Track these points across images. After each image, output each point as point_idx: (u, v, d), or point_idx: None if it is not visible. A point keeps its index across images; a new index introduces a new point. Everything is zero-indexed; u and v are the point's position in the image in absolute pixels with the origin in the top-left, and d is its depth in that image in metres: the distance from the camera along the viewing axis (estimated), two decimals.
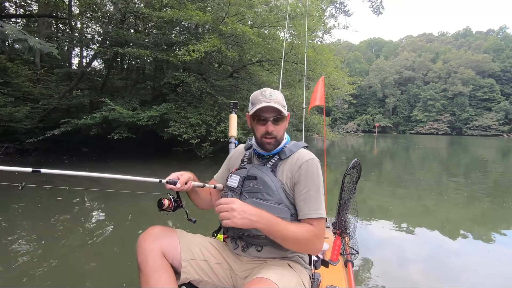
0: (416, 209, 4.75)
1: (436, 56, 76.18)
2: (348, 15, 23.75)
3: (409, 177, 7.76)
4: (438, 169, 9.68)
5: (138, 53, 7.63)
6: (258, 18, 7.96)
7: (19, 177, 0.90)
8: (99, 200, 4.57)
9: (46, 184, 4.64)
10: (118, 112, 7.27)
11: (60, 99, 9.58)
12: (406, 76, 72.92)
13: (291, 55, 8.78)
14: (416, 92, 69.91)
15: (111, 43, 8.85)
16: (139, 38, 8.39)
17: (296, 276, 1.09)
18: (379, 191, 6.06)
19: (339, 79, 9.26)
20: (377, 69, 75.72)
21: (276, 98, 1.14)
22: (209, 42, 7.01)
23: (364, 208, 4.62)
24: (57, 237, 3.05)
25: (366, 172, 8.30)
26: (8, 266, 2.36)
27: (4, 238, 2.97)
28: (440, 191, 6.04)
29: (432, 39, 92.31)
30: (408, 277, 2.46)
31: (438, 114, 65.39)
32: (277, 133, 1.16)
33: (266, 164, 1.19)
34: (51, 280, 2.20)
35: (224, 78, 9.44)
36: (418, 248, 3.13)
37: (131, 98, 8.88)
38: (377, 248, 3.06)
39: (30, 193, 4.65)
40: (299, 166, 1.12)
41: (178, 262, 1.07)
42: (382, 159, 13.47)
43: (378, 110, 72.94)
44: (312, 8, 8.46)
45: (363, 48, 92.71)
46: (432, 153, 16.86)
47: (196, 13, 7.02)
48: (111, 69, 12.09)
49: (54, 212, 3.86)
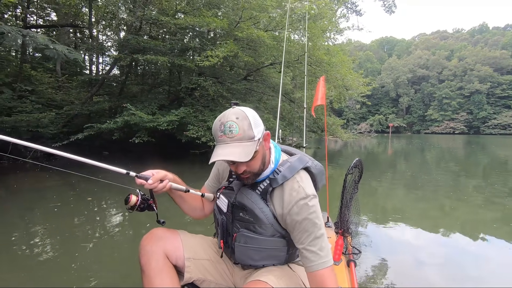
0: (432, 210, 4.64)
1: (451, 53, 74.41)
2: (359, 14, 23.56)
3: (425, 177, 7.61)
4: (455, 169, 9.44)
5: (156, 60, 7.90)
6: (272, 22, 8.11)
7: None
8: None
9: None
10: (139, 116, 7.56)
11: (83, 105, 10.02)
12: (420, 75, 71.51)
13: (304, 57, 8.88)
14: (430, 91, 68.42)
15: (130, 50, 9.20)
16: (158, 45, 8.68)
17: (296, 276, 1.07)
18: (394, 192, 5.99)
19: (353, 80, 9.29)
20: (389, 68, 74.59)
21: (236, 133, 0.91)
22: (226, 48, 7.21)
23: (377, 209, 4.58)
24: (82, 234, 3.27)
25: (381, 173, 8.26)
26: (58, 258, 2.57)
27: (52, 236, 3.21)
28: (458, 191, 5.90)
29: (446, 36, 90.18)
30: (425, 278, 2.42)
31: (454, 113, 63.76)
32: (251, 169, 0.99)
33: (256, 189, 1.05)
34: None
35: (239, 81, 9.63)
36: (435, 250, 3.07)
37: (149, 103, 9.18)
38: (391, 249, 3.02)
39: (62, 194, 4.94)
40: (289, 209, 0.99)
41: (181, 263, 1.07)
42: (397, 159, 13.27)
43: (391, 110, 71.78)
44: (325, 9, 8.53)
45: (374, 48, 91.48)
46: (448, 153, 16.46)
47: (213, 20, 7.23)
48: (128, 75, 12.52)
49: (85, 211, 4.11)
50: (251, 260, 1.07)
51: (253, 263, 1.08)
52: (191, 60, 8.62)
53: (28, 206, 4.47)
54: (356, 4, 23.10)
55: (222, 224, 1.13)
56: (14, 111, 8.58)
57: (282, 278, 1.00)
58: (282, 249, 1.07)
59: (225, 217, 1.11)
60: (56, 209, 4.27)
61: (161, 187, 1.01)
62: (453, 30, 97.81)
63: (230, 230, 1.10)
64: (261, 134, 0.97)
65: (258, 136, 0.95)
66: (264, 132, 0.99)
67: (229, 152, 0.90)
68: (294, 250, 1.11)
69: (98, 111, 10.64)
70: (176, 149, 10.65)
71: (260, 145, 0.98)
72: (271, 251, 1.06)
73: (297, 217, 0.97)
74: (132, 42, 8.31)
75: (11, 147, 8.35)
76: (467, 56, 67.77)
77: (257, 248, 1.05)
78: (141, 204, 1.03)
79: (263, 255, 1.06)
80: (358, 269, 1.75)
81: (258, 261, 1.07)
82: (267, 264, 1.08)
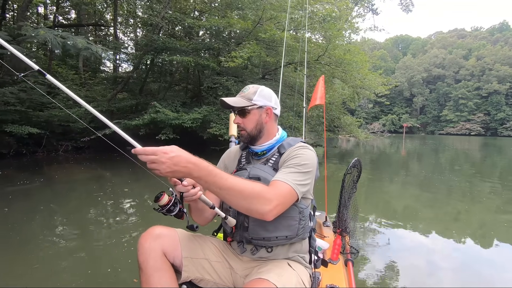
0: (445, 212, 4.52)
1: (469, 52, 72.31)
2: (376, 13, 23.37)
3: (439, 178, 7.51)
4: (471, 171, 9.28)
5: (182, 60, 8.24)
6: (292, 23, 8.32)
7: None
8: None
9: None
10: (165, 114, 7.93)
11: (109, 102, 10.51)
12: (435, 74, 69.91)
13: (324, 57, 9.06)
14: (446, 91, 66.83)
15: (155, 49, 9.58)
16: (182, 46, 9.03)
17: (296, 275, 1.08)
18: (406, 193, 5.92)
19: (373, 80, 9.39)
20: (404, 67, 73.20)
21: (245, 92, 1.19)
22: (249, 48, 7.47)
23: (388, 210, 4.57)
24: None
25: (393, 174, 8.29)
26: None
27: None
28: (473, 194, 5.76)
29: (464, 35, 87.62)
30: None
31: (471, 114, 62.11)
32: (245, 126, 1.18)
33: (267, 163, 1.18)
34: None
35: (257, 80, 9.90)
36: (447, 253, 3.01)
37: (172, 100, 9.57)
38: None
39: (102, 185, 5.34)
40: (289, 152, 1.15)
41: (179, 261, 1.08)
42: (410, 160, 13.19)
43: (404, 110, 70.50)
44: (346, 11, 8.67)
45: (389, 46, 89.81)
46: (463, 154, 16.22)
47: (238, 21, 7.50)
48: (149, 74, 12.96)
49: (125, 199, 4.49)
50: (265, 231, 1.09)
51: (266, 235, 1.09)
52: (213, 60, 8.93)
53: (77, 196, 4.92)
54: (373, 3, 22.88)
55: None
56: (47, 106, 9.11)
57: (283, 276, 1.01)
58: (295, 217, 1.09)
59: None
60: (99, 198, 4.68)
61: (193, 193, 0.96)
62: (472, 29, 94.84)
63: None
64: (262, 104, 1.18)
65: (257, 102, 1.17)
66: (266, 106, 1.19)
67: (229, 99, 1.16)
68: (306, 223, 1.14)
69: (122, 108, 11.12)
70: (197, 145, 11.03)
71: (257, 110, 1.17)
72: (285, 219, 1.08)
73: (294, 153, 1.12)
74: (158, 43, 8.67)
75: (44, 141, 8.94)
76: (485, 55, 65.73)
77: None
78: (171, 206, 0.98)
79: (276, 224, 1.07)
80: (356, 269, 1.75)
81: (272, 231, 1.08)
82: (280, 236, 1.09)
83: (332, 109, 10.97)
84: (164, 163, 0.79)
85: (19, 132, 7.45)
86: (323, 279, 1.41)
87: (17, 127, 7.48)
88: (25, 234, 3.08)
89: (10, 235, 3.05)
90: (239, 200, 0.92)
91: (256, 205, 0.92)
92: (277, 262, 1.12)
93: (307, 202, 1.16)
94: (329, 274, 1.57)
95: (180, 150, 0.84)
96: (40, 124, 8.39)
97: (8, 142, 7.82)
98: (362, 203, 4.95)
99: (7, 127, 7.33)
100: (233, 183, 0.90)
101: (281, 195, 0.97)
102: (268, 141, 1.21)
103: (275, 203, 0.94)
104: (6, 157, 7.73)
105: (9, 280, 2.18)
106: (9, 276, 2.25)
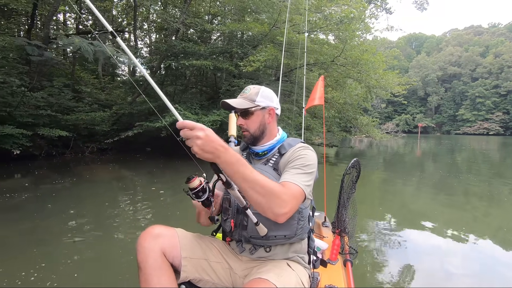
0: (462, 214, 4.44)
1: (486, 49, 70.18)
2: (389, 12, 23.16)
3: (455, 179, 7.36)
4: (489, 172, 9.03)
5: (201, 64, 8.51)
6: (312, 25, 8.45)
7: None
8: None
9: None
10: (186, 116, 8.20)
11: (130, 105, 10.91)
12: (451, 73, 68.25)
13: (340, 58, 9.14)
14: (462, 89, 65.12)
15: (174, 54, 9.90)
16: (200, 50, 9.31)
17: (295, 275, 1.08)
18: (420, 195, 5.83)
19: (389, 80, 9.39)
20: (417, 66, 71.79)
21: (247, 93, 1.19)
22: (267, 52, 7.65)
23: (402, 212, 4.56)
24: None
25: (407, 175, 8.24)
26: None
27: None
28: (491, 196, 5.64)
29: (481, 32, 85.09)
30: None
31: (489, 113, 60.25)
32: (248, 127, 1.19)
33: (267, 163, 1.19)
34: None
35: (273, 82, 10.06)
36: (463, 255, 2.96)
37: (191, 103, 9.85)
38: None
39: (130, 184, 5.64)
40: (291, 152, 1.16)
41: (178, 261, 1.07)
42: (425, 160, 13.01)
43: (419, 109, 69.06)
44: (363, 13, 8.75)
45: (402, 45, 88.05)
46: (481, 155, 15.80)
47: (255, 25, 7.70)
48: (166, 77, 13.33)
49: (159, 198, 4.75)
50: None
51: (267, 234, 1.09)
52: (230, 63, 9.17)
53: (113, 195, 5.22)
54: (386, 1, 22.69)
55: (233, 203, 1.17)
56: (74, 110, 9.58)
57: (282, 276, 1.01)
58: (294, 217, 1.11)
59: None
60: (131, 196, 4.96)
61: (219, 193, 0.99)
62: (489, 25, 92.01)
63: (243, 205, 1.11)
64: (264, 105, 1.19)
65: (259, 103, 1.18)
66: (269, 107, 1.21)
67: (232, 100, 1.16)
68: (304, 224, 1.16)
69: (142, 110, 11.52)
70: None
71: (261, 111, 1.19)
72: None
73: (297, 153, 1.13)
74: (178, 48, 8.98)
75: (72, 143, 9.40)
76: (504, 52, 63.64)
77: None
78: (200, 192, 0.98)
79: (275, 223, 1.03)
80: (354, 269, 1.80)
81: (272, 230, 1.09)
82: (278, 235, 1.11)
83: (348, 109, 11.01)
84: (201, 139, 0.78)
85: (50, 134, 7.90)
86: (322, 279, 1.42)
87: (48, 130, 7.93)
88: (81, 228, 3.37)
89: (68, 229, 3.34)
90: (259, 196, 0.89)
91: (273, 205, 0.90)
92: (276, 262, 1.13)
93: (307, 203, 1.19)
94: (328, 274, 1.57)
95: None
96: (68, 127, 8.83)
97: (40, 144, 8.29)
98: (374, 204, 5.01)
99: (40, 130, 7.78)
100: (258, 177, 0.89)
101: (294, 197, 0.97)
102: (270, 141, 1.22)
103: (290, 206, 0.94)
104: (38, 158, 8.19)
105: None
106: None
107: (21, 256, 2.60)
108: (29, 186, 5.35)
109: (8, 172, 6.50)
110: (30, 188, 5.22)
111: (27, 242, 2.95)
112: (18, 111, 7.53)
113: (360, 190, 6.16)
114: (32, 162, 7.70)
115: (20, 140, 7.08)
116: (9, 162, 7.18)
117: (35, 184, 5.55)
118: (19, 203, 4.29)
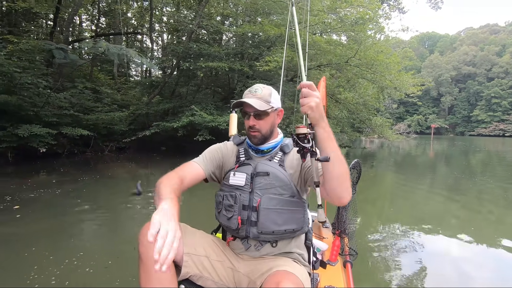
0: (475, 217, 4.35)
1: (503, 48, 68.27)
2: (403, 12, 22.90)
3: (470, 181, 7.25)
4: (506, 175, 8.77)
5: (217, 66, 8.70)
6: (325, 27, 8.53)
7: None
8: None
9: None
10: (201, 117, 8.41)
11: (147, 105, 11.21)
12: (465, 73, 66.68)
13: (354, 59, 9.18)
14: (477, 90, 63.53)
15: (190, 56, 10.12)
16: (215, 51, 9.50)
17: (303, 269, 1.13)
18: (433, 197, 5.75)
19: (404, 81, 9.36)
20: (430, 65, 70.45)
21: (260, 93, 1.17)
22: (283, 53, 7.76)
23: (413, 213, 4.50)
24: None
25: (419, 176, 8.15)
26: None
27: None
28: (507, 199, 5.50)
29: (497, 30, 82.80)
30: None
31: (505, 114, 58.60)
32: (260, 128, 1.19)
33: (273, 159, 1.21)
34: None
35: (285, 82, 10.16)
36: (478, 264, 2.86)
37: (206, 104, 10.05)
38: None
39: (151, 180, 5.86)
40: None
41: (179, 256, 1.07)
42: (438, 162, 12.81)
43: (431, 110, 67.77)
44: (376, 13, 8.76)
45: (414, 44, 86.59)
46: (497, 157, 15.41)
47: (271, 27, 7.83)
48: (179, 78, 13.60)
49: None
50: (275, 224, 1.12)
51: (276, 229, 1.12)
52: (245, 64, 9.33)
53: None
54: (400, 1, 22.45)
55: (239, 199, 1.17)
56: (94, 110, 9.93)
57: (295, 268, 1.05)
58: (300, 210, 1.17)
59: (241, 192, 1.17)
60: (149, 194, 5.15)
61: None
62: (506, 23, 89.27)
63: (251, 201, 1.15)
64: (276, 106, 1.22)
65: (273, 104, 1.20)
66: (279, 108, 1.25)
67: (251, 101, 1.14)
68: (306, 216, 1.22)
69: (159, 111, 11.79)
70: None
71: (273, 112, 1.21)
72: (292, 212, 1.15)
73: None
74: (194, 49, 9.19)
75: (92, 142, 9.73)
76: None
77: (281, 210, 1.13)
78: (306, 140, 0.95)
79: (285, 217, 1.13)
80: (354, 270, 1.79)
81: (281, 225, 1.13)
82: (288, 229, 1.14)
83: (362, 110, 11.01)
84: (318, 100, 0.89)
85: (72, 133, 8.22)
86: (321, 280, 1.42)
87: (71, 129, 8.26)
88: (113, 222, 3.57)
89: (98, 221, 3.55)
90: (342, 172, 0.93)
91: (348, 186, 0.95)
92: (280, 259, 1.15)
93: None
94: (327, 275, 1.57)
95: None
96: (89, 127, 9.16)
97: (63, 143, 8.64)
98: (384, 205, 5.00)
99: (63, 129, 8.11)
100: (340, 154, 0.94)
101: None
102: (274, 139, 1.25)
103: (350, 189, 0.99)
104: (61, 156, 8.53)
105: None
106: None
107: (65, 246, 2.81)
108: (57, 183, 5.62)
109: (36, 169, 6.83)
110: (59, 184, 5.48)
111: (67, 235, 3.16)
112: (43, 111, 7.88)
113: (371, 191, 6.21)
114: (56, 160, 8.04)
115: (46, 138, 7.41)
116: (36, 159, 7.53)
117: (62, 181, 5.82)
118: (53, 198, 4.54)
